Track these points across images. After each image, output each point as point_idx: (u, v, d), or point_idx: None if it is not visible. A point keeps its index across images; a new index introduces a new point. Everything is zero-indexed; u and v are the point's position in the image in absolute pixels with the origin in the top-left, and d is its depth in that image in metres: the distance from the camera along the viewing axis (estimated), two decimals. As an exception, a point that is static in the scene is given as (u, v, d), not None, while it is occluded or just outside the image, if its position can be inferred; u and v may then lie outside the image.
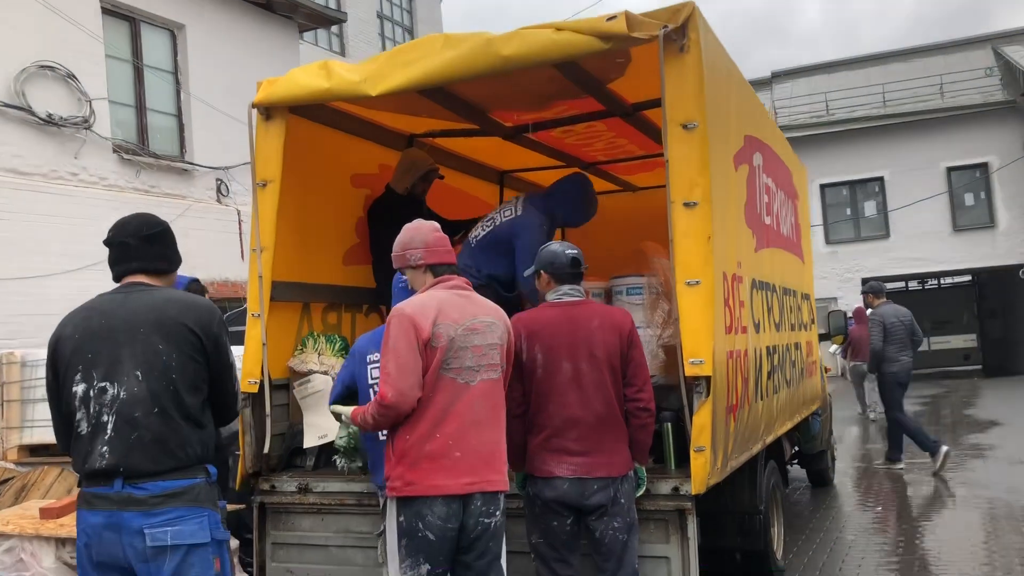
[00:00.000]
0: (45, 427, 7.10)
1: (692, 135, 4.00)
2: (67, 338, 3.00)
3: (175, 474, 2.89)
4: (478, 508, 3.38)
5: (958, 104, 23.26)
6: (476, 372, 3.44)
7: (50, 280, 9.87)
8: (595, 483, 3.77)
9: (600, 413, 3.82)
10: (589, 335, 3.87)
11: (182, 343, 2.97)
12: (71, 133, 10.34)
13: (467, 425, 3.38)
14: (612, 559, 3.79)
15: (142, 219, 3.22)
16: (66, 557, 5.70)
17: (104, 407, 2.89)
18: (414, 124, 6.05)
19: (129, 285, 3.12)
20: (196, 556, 2.87)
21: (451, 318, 3.43)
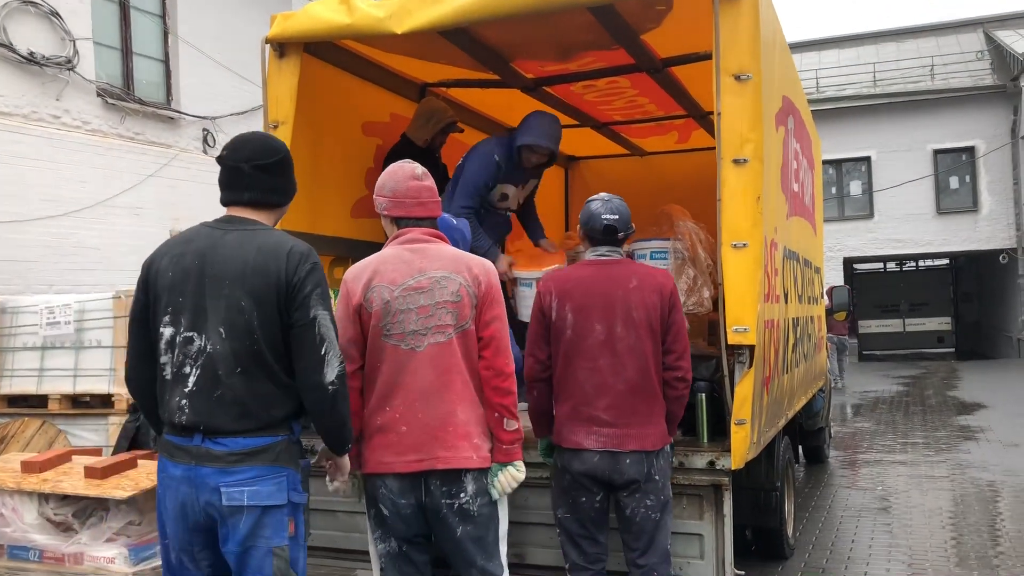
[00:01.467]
0: (25, 376, 6.80)
1: (745, 87, 3.75)
2: (162, 272, 2.78)
3: (256, 433, 2.71)
4: (437, 489, 3.03)
5: (948, 87, 23.17)
6: (423, 336, 3.05)
7: (29, 225, 9.47)
8: (627, 457, 3.48)
9: (634, 381, 3.52)
10: (626, 295, 3.56)
11: (266, 297, 2.70)
12: (53, 74, 9.87)
13: (415, 397, 3.04)
14: (643, 538, 3.53)
15: (260, 143, 2.90)
16: (49, 513, 5.43)
17: (188, 358, 2.73)
18: (428, 72, 5.77)
19: (230, 219, 2.86)
20: (270, 518, 2.72)
21: (387, 279, 3.08)
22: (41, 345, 6.80)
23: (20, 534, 5.36)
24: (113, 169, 10.51)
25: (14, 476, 5.43)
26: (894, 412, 13.04)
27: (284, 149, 2.93)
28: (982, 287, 26.17)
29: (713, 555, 3.80)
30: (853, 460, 9.25)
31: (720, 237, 3.77)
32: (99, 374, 6.62)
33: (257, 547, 2.71)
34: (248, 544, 2.70)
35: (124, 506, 5.31)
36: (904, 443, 10.16)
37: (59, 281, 9.70)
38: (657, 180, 7.65)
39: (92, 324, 6.69)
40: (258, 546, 2.71)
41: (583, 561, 3.61)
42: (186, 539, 2.77)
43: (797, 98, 5.59)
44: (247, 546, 2.70)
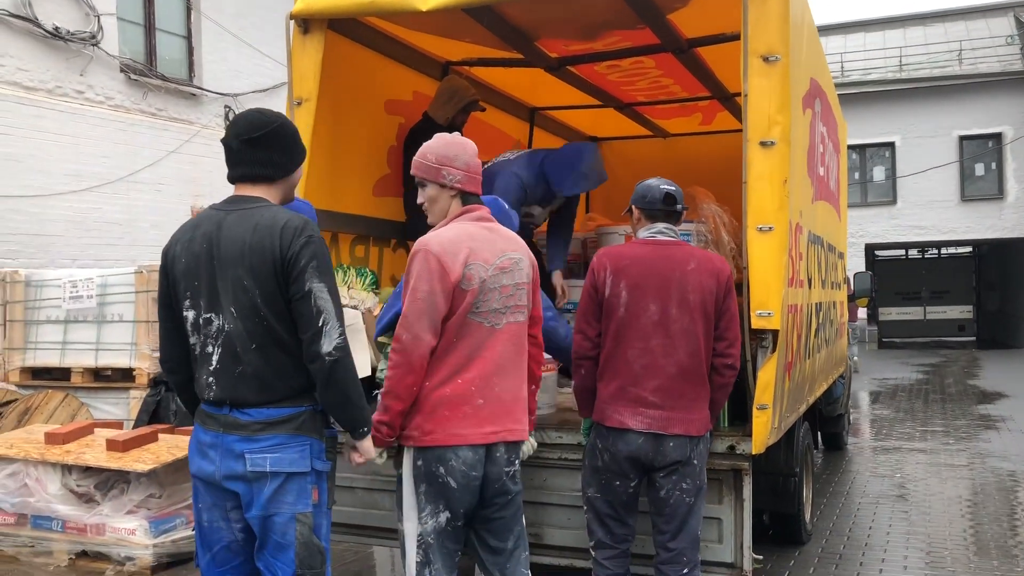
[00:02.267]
0: (48, 349, 6.87)
1: (773, 69, 3.71)
2: (177, 258, 2.89)
3: (279, 403, 2.80)
4: (502, 457, 3.10)
5: (976, 72, 22.85)
6: (503, 315, 3.12)
7: (52, 200, 9.55)
8: (671, 440, 3.45)
9: (684, 364, 3.48)
10: (683, 277, 3.50)
11: (265, 275, 2.75)
12: (78, 49, 9.92)
13: (491, 371, 3.08)
14: (675, 521, 3.51)
15: (248, 119, 2.92)
16: (72, 484, 5.50)
17: (210, 338, 2.83)
18: (451, 51, 5.74)
19: (233, 200, 2.91)
20: (293, 484, 2.79)
21: (482, 257, 3.08)
22: (64, 319, 6.86)
23: (44, 504, 5.44)
24: (135, 145, 10.56)
25: (38, 447, 5.50)
26: (913, 400, 12.96)
27: (275, 122, 2.90)
28: (1005, 276, 25.86)
29: (732, 539, 3.79)
30: (872, 447, 9.20)
31: (745, 220, 3.73)
32: (121, 348, 6.68)
33: (281, 513, 2.78)
34: (272, 510, 2.77)
35: (145, 479, 5.38)
36: (924, 431, 10.10)
37: (82, 256, 9.78)
38: (680, 162, 7.58)
39: (114, 298, 6.74)
40: (282, 512, 2.78)
41: (610, 540, 3.60)
42: (218, 501, 2.86)
43: (824, 81, 5.53)
44: (271, 512, 2.77)
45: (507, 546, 3.17)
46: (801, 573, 5.13)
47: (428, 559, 3.09)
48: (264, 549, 2.82)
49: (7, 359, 7.06)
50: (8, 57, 9.28)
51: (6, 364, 7.07)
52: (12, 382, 6.98)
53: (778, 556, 5.35)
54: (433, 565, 3.09)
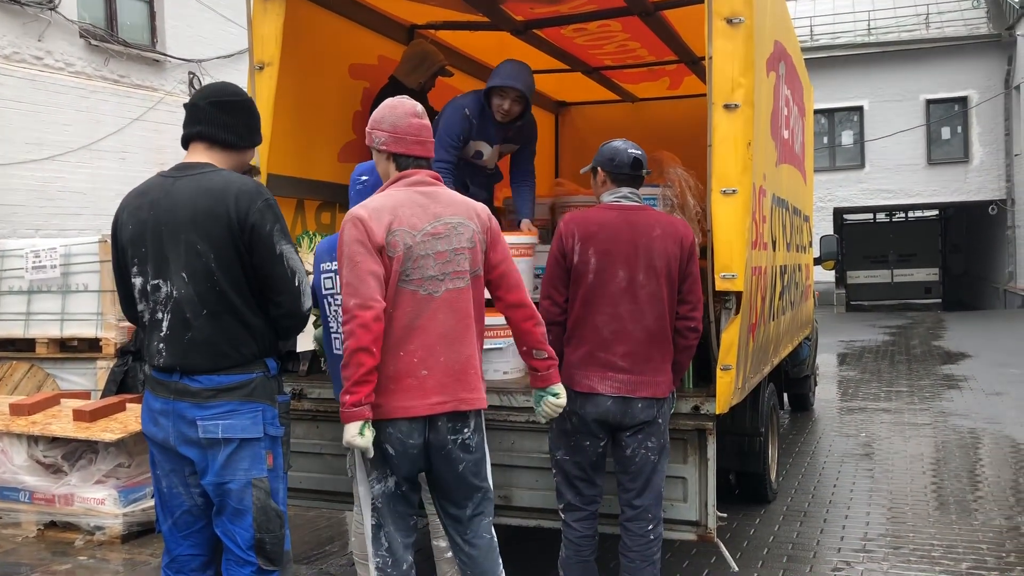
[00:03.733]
0: (12, 320, 6.78)
1: (737, 31, 3.71)
2: (123, 225, 2.89)
3: (230, 370, 2.81)
4: (444, 426, 3.04)
5: (943, 35, 22.98)
6: (440, 281, 3.03)
7: (13, 169, 9.39)
8: (639, 402, 3.52)
9: (651, 329, 3.54)
10: (649, 243, 3.55)
11: (220, 240, 2.75)
12: (35, 13, 9.71)
13: (434, 340, 3.01)
14: (640, 479, 3.58)
15: (220, 85, 2.97)
16: (38, 455, 5.47)
17: (159, 304, 2.83)
18: (416, 14, 5.68)
19: (181, 167, 2.90)
20: (247, 450, 2.82)
21: (408, 223, 3.00)
22: (28, 289, 6.77)
23: (10, 475, 5.41)
24: (98, 112, 10.39)
25: (3, 418, 5.45)
26: (879, 361, 13.17)
27: (244, 95, 2.99)
28: (971, 238, 26.26)
29: (696, 498, 3.84)
30: (838, 408, 9.36)
31: (710, 183, 3.75)
32: (86, 318, 6.61)
33: (236, 479, 2.80)
34: (227, 476, 2.79)
35: (113, 448, 5.36)
36: (888, 391, 10.28)
37: (45, 225, 9.64)
38: (648, 126, 7.58)
39: (79, 268, 6.65)
40: (237, 478, 2.80)
41: (579, 502, 3.66)
42: (176, 467, 2.87)
43: (790, 44, 5.53)
44: (226, 478, 2.80)
45: (465, 513, 3.16)
46: (766, 531, 5.23)
47: (380, 522, 3.13)
48: (222, 515, 2.84)
49: (-30, 331, 6.97)
50: (-37, 22, 9.08)
51: (-31, 336, 6.97)
52: (-25, 354, 6.90)
53: (744, 514, 5.45)
54: (386, 528, 3.12)
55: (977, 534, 5.10)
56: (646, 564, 3.58)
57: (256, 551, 2.83)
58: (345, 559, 4.98)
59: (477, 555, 3.16)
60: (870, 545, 4.97)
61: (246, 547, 2.83)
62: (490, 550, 3.20)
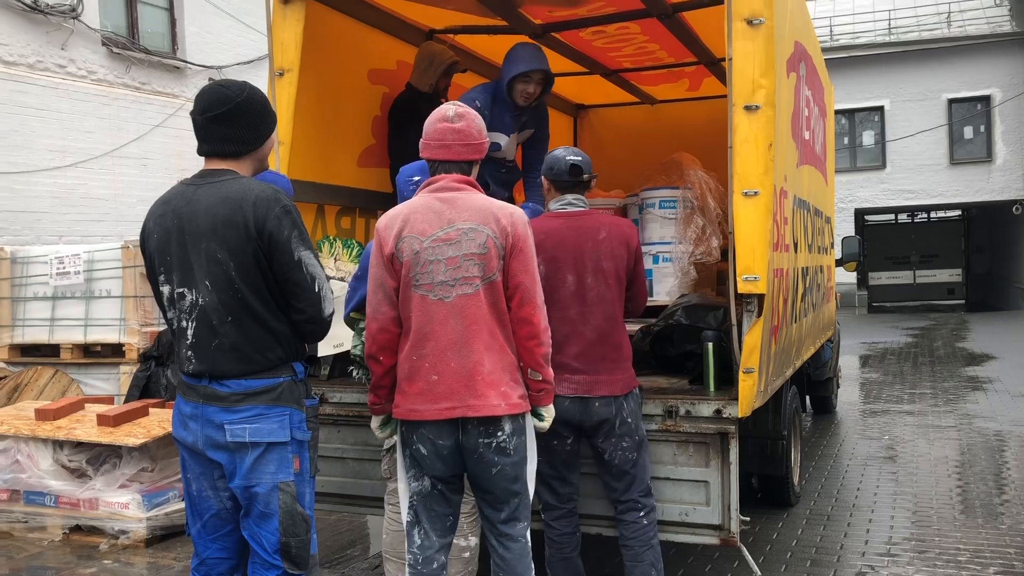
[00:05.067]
0: (37, 326, 6.85)
1: (757, 32, 3.69)
2: (149, 233, 2.92)
3: (258, 375, 2.83)
4: (474, 430, 3.06)
5: (965, 34, 22.76)
6: (451, 287, 3.06)
7: (37, 176, 9.48)
8: (596, 401, 3.63)
9: (602, 329, 3.67)
10: (596, 246, 3.69)
11: (240, 247, 2.76)
12: (58, 22, 9.80)
13: (445, 346, 3.05)
14: (624, 479, 3.69)
15: (211, 94, 2.89)
16: (63, 459, 5.52)
17: (184, 313, 2.86)
18: (434, 19, 5.69)
19: (202, 174, 2.91)
20: (274, 454, 2.83)
21: (418, 229, 3.07)
22: (52, 295, 6.83)
23: (36, 480, 5.46)
24: (119, 119, 10.48)
25: (29, 424, 5.51)
26: (902, 363, 13.06)
27: (238, 96, 2.86)
28: (993, 239, 25.97)
29: (719, 502, 3.83)
30: (861, 410, 9.28)
31: (731, 185, 3.73)
32: (110, 324, 6.67)
33: (263, 482, 2.81)
34: (254, 480, 2.81)
35: (137, 453, 5.40)
36: (912, 393, 10.18)
37: (69, 232, 9.73)
38: (668, 129, 7.58)
39: (102, 274, 6.71)
40: (264, 481, 2.81)
41: (556, 501, 3.76)
42: (206, 470, 2.90)
43: (810, 44, 5.50)
44: (253, 481, 2.81)
45: (500, 515, 3.16)
46: (789, 534, 5.19)
47: (417, 519, 3.18)
48: (249, 518, 2.86)
49: (-5, 336, 7.04)
50: (-12, 31, 9.18)
51: (-5, 341, 7.05)
52: (1, 359, 6.97)
53: (767, 518, 5.42)
54: (422, 524, 3.16)
55: (1004, 538, 5.04)
56: (645, 548, 3.68)
57: (282, 555, 2.84)
58: (367, 563, 4.99)
59: (510, 558, 3.18)
60: (895, 549, 4.92)
61: (272, 551, 2.84)
62: (523, 555, 3.20)
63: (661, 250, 5.26)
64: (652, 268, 5.23)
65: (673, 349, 4.56)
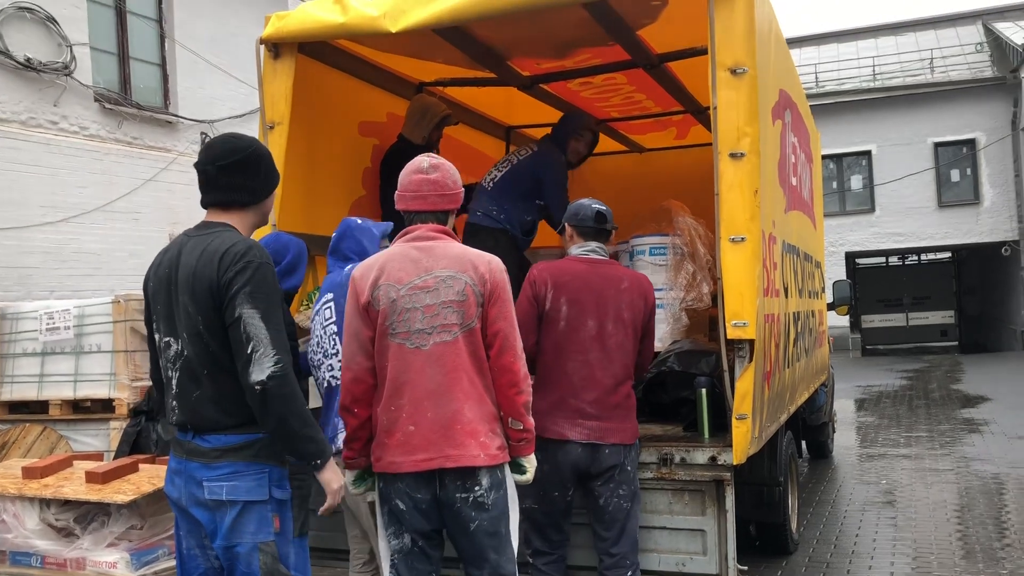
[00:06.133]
0: (26, 383, 6.79)
1: (741, 81, 3.74)
2: (149, 282, 2.94)
3: (237, 429, 2.77)
4: (451, 482, 2.99)
5: (948, 79, 23.12)
6: (428, 335, 3.01)
7: (29, 232, 9.48)
8: (607, 448, 3.62)
9: (619, 376, 3.70)
10: (618, 295, 3.72)
11: (205, 302, 2.73)
12: (51, 79, 9.87)
13: (421, 395, 2.99)
14: (615, 528, 3.65)
15: (224, 144, 2.91)
16: (50, 519, 5.42)
17: (169, 362, 2.84)
18: (424, 71, 5.76)
19: (201, 225, 2.92)
20: (253, 513, 2.76)
21: (394, 277, 3.04)
22: (41, 351, 6.78)
23: (22, 540, 5.35)
24: (111, 174, 10.51)
25: (15, 482, 5.42)
26: (898, 406, 13.02)
27: (250, 148, 2.90)
28: (985, 280, 26.10)
29: (716, 550, 3.79)
30: (857, 454, 9.22)
31: (718, 231, 3.76)
32: (99, 379, 6.61)
33: (243, 543, 2.75)
34: (234, 540, 2.75)
35: (125, 511, 5.30)
36: (908, 436, 10.14)
37: (59, 287, 9.70)
38: (656, 176, 7.64)
39: (92, 329, 6.67)
40: (243, 542, 2.75)
41: (546, 547, 3.75)
42: (193, 528, 2.85)
43: (794, 92, 5.57)
44: (233, 541, 2.75)
45: (481, 574, 3.07)
46: (788, 583, 5.13)
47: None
48: None
49: (-16, 393, 6.97)
50: (-20, 90, 9.25)
51: (-17, 399, 6.98)
52: (-11, 417, 6.90)
53: (765, 566, 5.35)
54: None
55: (1005, 583, 4.99)
56: None
57: None
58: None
59: None
60: (896, 596, 4.86)
61: None
62: None
63: (652, 297, 5.26)
64: (644, 315, 5.23)
65: (666, 396, 4.55)
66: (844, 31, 27.83)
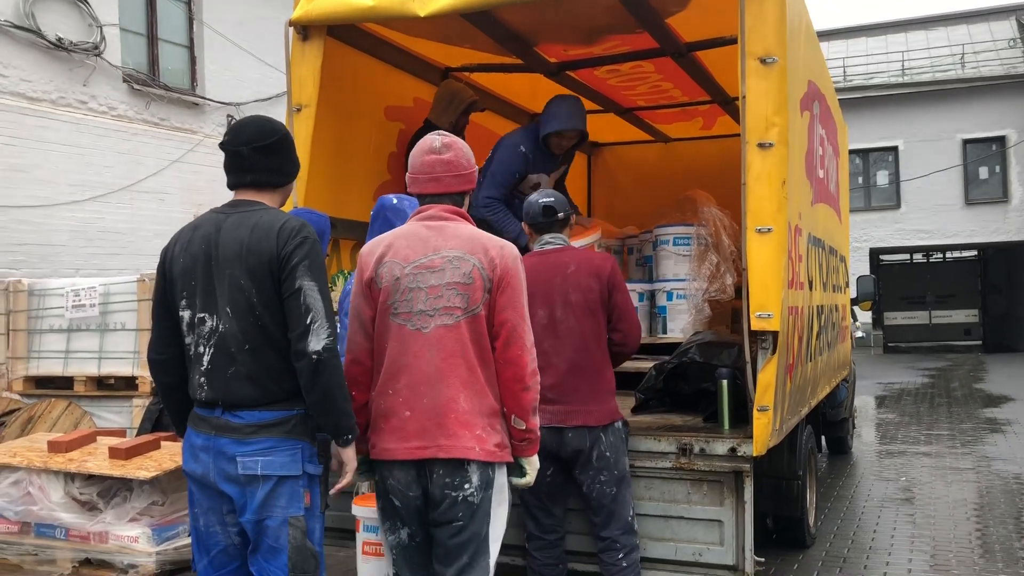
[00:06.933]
0: (52, 358, 6.88)
1: (771, 71, 3.71)
2: (175, 258, 2.91)
3: (272, 406, 2.80)
4: (440, 478, 2.86)
5: (978, 75, 22.83)
6: (430, 317, 2.88)
7: (56, 210, 9.58)
8: (569, 431, 3.68)
9: (574, 360, 3.72)
10: (564, 280, 3.76)
11: (261, 275, 2.76)
12: (81, 59, 9.96)
13: (419, 380, 2.87)
14: (602, 512, 3.71)
15: (257, 126, 2.94)
16: (75, 492, 5.49)
17: (202, 339, 2.83)
18: (451, 57, 5.76)
19: (234, 203, 2.94)
20: (286, 487, 2.79)
21: (401, 255, 2.94)
22: (67, 328, 6.87)
23: (47, 512, 5.43)
24: (138, 154, 10.60)
25: (41, 456, 5.50)
26: (919, 404, 12.92)
27: (282, 130, 2.96)
28: (1011, 279, 25.80)
29: (733, 542, 3.78)
30: (877, 451, 9.17)
31: (744, 222, 3.74)
32: (124, 356, 6.68)
33: (273, 516, 2.78)
34: (264, 513, 2.78)
35: (147, 487, 5.36)
36: (929, 435, 10.06)
37: (85, 265, 9.80)
38: (682, 166, 7.61)
39: (117, 307, 6.74)
40: (274, 516, 2.78)
41: (538, 531, 3.81)
42: (215, 505, 2.86)
43: (823, 84, 5.53)
44: (263, 515, 2.78)
45: (447, 571, 2.91)
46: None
47: (399, 573, 3.03)
48: (257, 553, 2.83)
49: (11, 368, 7.06)
50: (12, 68, 9.32)
51: (10, 373, 7.07)
52: (16, 391, 6.99)
53: (782, 559, 5.33)
54: None
55: (1025, 583, 4.95)
56: None
57: None
58: (376, 601, 4.93)
59: None
60: (913, 593, 4.84)
61: None
62: None
63: (675, 287, 5.25)
64: (666, 305, 5.23)
65: (687, 386, 4.54)
66: (874, 25, 27.52)
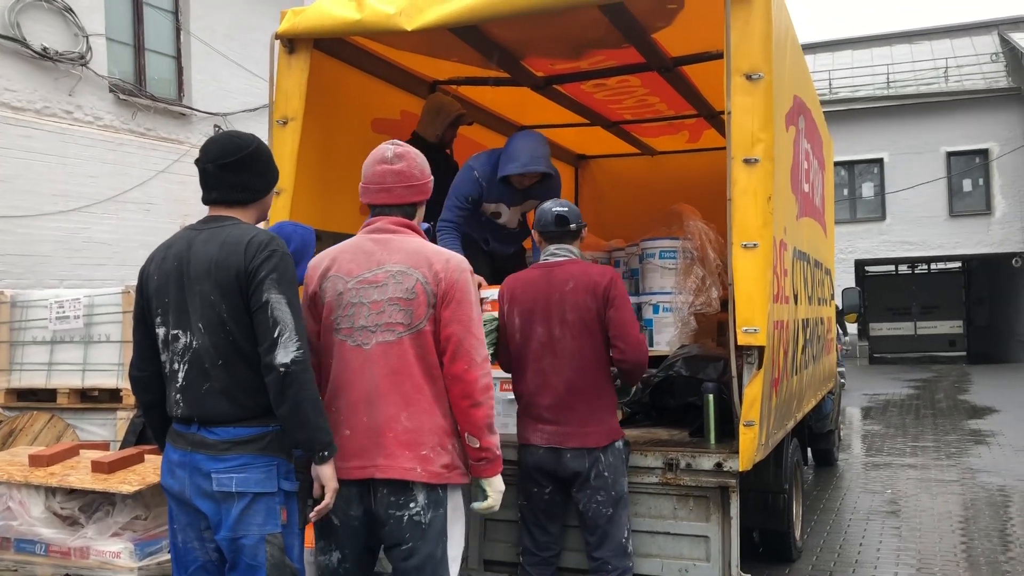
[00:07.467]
0: (34, 370, 6.82)
1: (756, 87, 3.73)
2: (150, 276, 2.91)
3: (247, 422, 2.78)
4: (384, 497, 2.80)
5: (962, 88, 23.03)
6: (372, 333, 2.83)
7: (40, 220, 9.52)
8: (568, 452, 3.66)
9: (572, 381, 3.68)
10: (562, 297, 3.73)
11: (232, 290, 2.75)
12: (66, 69, 9.91)
13: (358, 398, 2.82)
14: (596, 532, 3.69)
15: (222, 143, 2.92)
16: (56, 507, 5.43)
17: (176, 355, 2.82)
18: (438, 70, 5.76)
19: (207, 220, 2.93)
20: (261, 504, 2.77)
21: (344, 269, 2.89)
22: (50, 339, 6.81)
23: (27, 527, 5.37)
24: (124, 165, 10.55)
25: (21, 470, 5.44)
26: (904, 415, 12.97)
27: (249, 146, 2.89)
28: (994, 291, 26.00)
29: (719, 557, 3.78)
30: (863, 463, 9.19)
31: (730, 237, 3.74)
32: (107, 369, 6.63)
33: (250, 534, 2.75)
34: (241, 531, 2.75)
35: (130, 501, 5.32)
36: (914, 446, 10.10)
37: (70, 276, 9.73)
38: (668, 180, 7.63)
39: (101, 319, 6.69)
40: (251, 533, 2.75)
41: (533, 547, 3.80)
42: (192, 521, 2.85)
43: (808, 98, 5.56)
44: (239, 533, 2.75)
45: None
46: (791, 591, 5.11)
47: None
48: (235, 571, 2.80)
49: (-7, 380, 7.01)
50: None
51: (-8, 386, 7.01)
52: (-3, 404, 6.93)
53: (768, 574, 5.33)
54: None
55: (1009, 596, 4.96)
56: None
57: None
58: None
59: None
60: (899, 607, 4.84)
61: None
62: None
63: (661, 300, 5.25)
64: (652, 318, 5.23)
65: (673, 400, 4.55)
66: (859, 38, 27.74)
